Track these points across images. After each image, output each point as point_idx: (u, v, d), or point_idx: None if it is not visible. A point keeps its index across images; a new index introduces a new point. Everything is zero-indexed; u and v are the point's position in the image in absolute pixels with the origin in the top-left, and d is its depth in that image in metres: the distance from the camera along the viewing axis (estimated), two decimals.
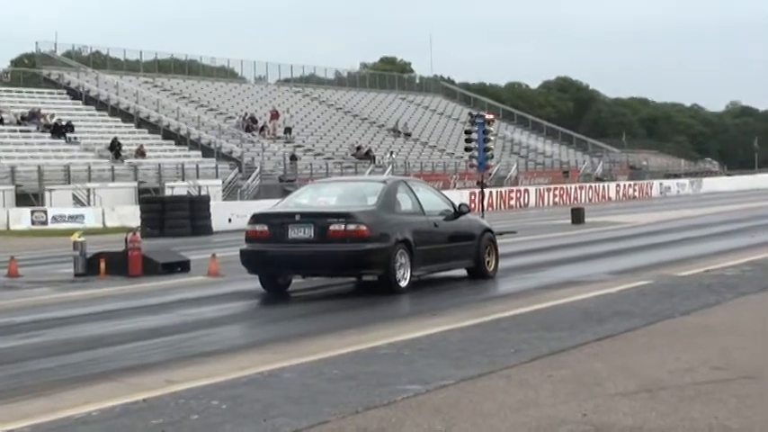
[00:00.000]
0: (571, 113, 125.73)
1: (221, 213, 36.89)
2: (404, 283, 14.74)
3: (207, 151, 56.93)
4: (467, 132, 33.77)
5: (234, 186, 51.51)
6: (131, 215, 37.46)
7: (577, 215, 34.51)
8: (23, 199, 44.82)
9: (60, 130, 52.91)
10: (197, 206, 36.39)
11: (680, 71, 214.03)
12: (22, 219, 40.73)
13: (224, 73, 75.41)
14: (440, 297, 14.61)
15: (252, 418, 6.94)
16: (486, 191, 37.15)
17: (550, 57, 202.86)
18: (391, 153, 64.74)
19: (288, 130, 64.70)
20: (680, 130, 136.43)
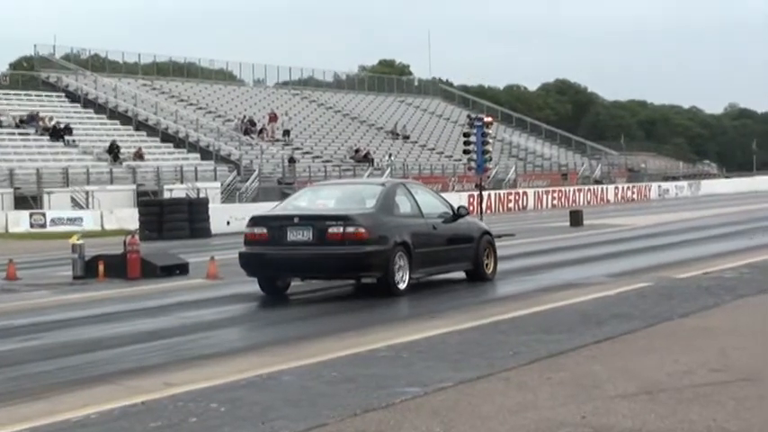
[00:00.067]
0: (569, 116, 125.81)
1: (220, 216, 36.86)
2: (402, 286, 14.75)
3: (205, 154, 56.92)
4: (465, 135, 33.79)
5: (232, 189, 51.52)
6: (130, 218, 37.45)
7: (576, 218, 34.49)
8: (22, 202, 44.82)
9: (59, 133, 52.89)
10: (195, 209, 36.38)
11: (678, 73, 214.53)
12: (21, 222, 40.72)
13: (222, 75, 75.43)
14: (438, 299, 14.61)
15: (250, 421, 6.94)
16: (484, 193, 37.15)
17: (549, 59, 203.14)
18: (390, 156, 64.77)
19: (286, 133, 64.71)
20: (678, 133, 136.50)
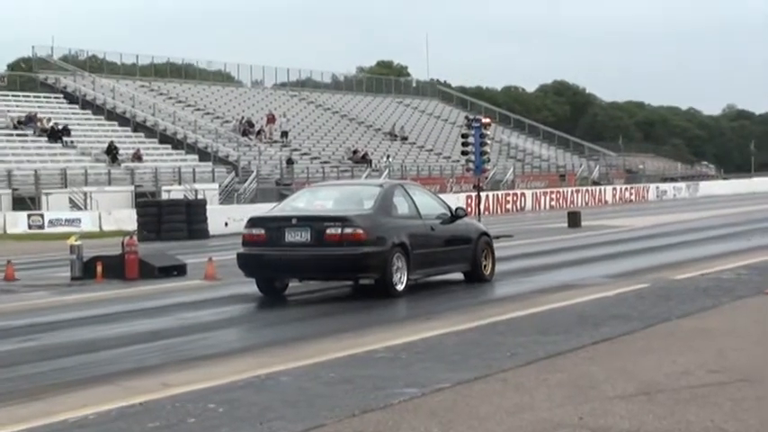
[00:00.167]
0: (567, 117, 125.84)
1: (218, 217, 36.87)
2: (400, 287, 14.74)
3: (203, 155, 56.90)
4: (463, 136, 33.81)
5: (230, 190, 51.51)
6: (128, 219, 37.41)
7: (574, 219, 34.48)
8: (20, 203, 44.81)
9: (57, 134, 52.86)
10: (194, 210, 36.35)
11: (676, 75, 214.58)
12: (19, 223, 40.69)
13: (220, 77, 75.40)
14: (436, 300, 14.61)
15: (249, 422, 6.95)
16: (482, 194, 37.20)
17: (547, 60, 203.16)
18: (388, 157, 64.76)
19: (284, 134, 64.70)
20: (676, 134, 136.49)
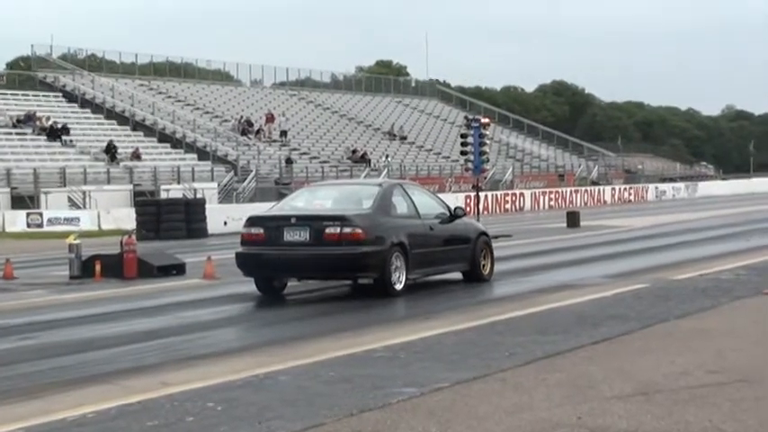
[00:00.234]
0: (567, 117, 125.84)
1: (217, 216, 36.85)
2: (399, 287, 14.74)
3: (202, 154, 56.90)
4: (462, 136, 33.83)
5: (229, 189, 51.50)
6: (127, 218, 37.38)
7: (573, 219, 34.49)
8: (19, 201, 44.80)
9: (56, 133, 52.85)
10: (192, 209, 36.34)
11: (675, 75, 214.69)
12: (18, 221, 40.67)
13: (220, 76, 75.38)
14: (435, 300, 14.61)
15: (247, 421, 6.94)
16: (481, 194, 37.21)
17: (546, 60, 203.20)
18: (387, 156, 64.75)
19: (283, 134, 64.69)
20: (675, 134, 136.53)
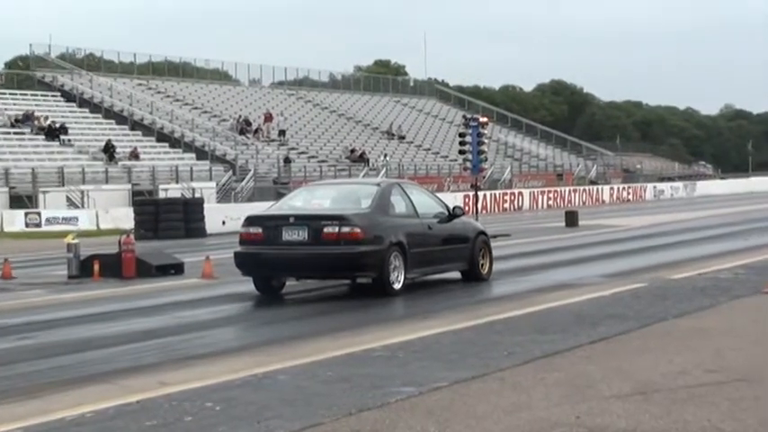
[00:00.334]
0: (565, 116, 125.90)
1: (215, 216, 36.86)
2: (397, 286, 14.74)
3: (201, 154, 56.90)
4: (461, 135, 33.84)
5: (228, 189, 51.50)
6: (125, 217, 37.39)
7: (571, 218, 34.50)
8: (17, 201, 44.79)
9: (54, 133, 52.83)
10: (191, 208, 36.35)
11: (674, 74, 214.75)
12: (16, 221, 40.67)
13: (218, 75, 75.38)
14: (433, 299, 14.61)
15: (246, 420, 6.94)
16: (479, 194, 37.22)
17: (544, 60, 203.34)
18: (385, 156, 64.74)
19: (282, 133, 64.69)
20: (674, 134, 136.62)
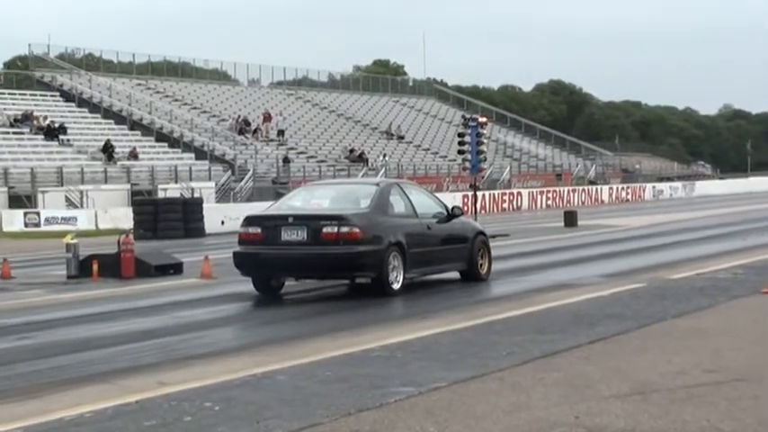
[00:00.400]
0: (564, 116, 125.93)
1: (214, 216, 36.85)
2: (396, 286, 14.74)
3: (200, 153, 56.89)
4: (460, 135, 33.87)
5: (227, 189, 51.49)
6: (124, 217, 37.38)
7: (570, 218, 34.50)
8: (16, 201, 44.77)
9: (53, 132, 52.82)
10: (190, 208, 36.35)
11: (673, 74, 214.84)
12: (15, 221, 40.64)
13: (217, 75, 75.38)
14: (432, 300, 14.61)
15: (245, 420, 6.94)
16: (478, 194, 37.22)
17: (543, 60, 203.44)
18: (384, 156, 64.75)
19: (281, 133, 64.68)
20: (673, 134, 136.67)
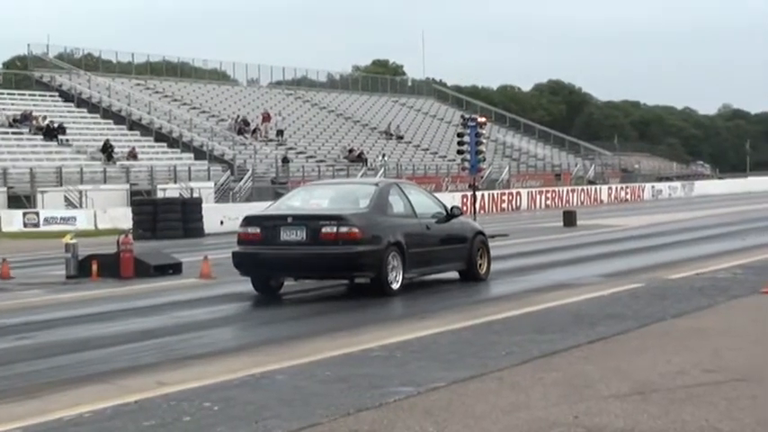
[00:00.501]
0: (563, 116, 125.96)
1: (213, 216, 36.85)
2: (396, 286, 14.74)
3: (199, 153, 56.89)
4: (459, 135, 33.85)
5: (226, 189, 51.48)
6: (123, 217, 37.39)
7: (569, 218, 34.51)
8: (15, 201, 44.76)
9: (52, 133, 52.82)
10: (189, 208, 36.34)
11: (672, 74, 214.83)
12: (14, 221, 40.64)
13: (216, 75, 75.39)
14: (431, 299, 14.61)
15: (244, 420, 6.94)
16: (478, 193, 37.21)
17: (542, 60, 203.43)
18: (383, 156, 64.74)
19: (280, 133, 64.67)
20: (672, 133, 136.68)
